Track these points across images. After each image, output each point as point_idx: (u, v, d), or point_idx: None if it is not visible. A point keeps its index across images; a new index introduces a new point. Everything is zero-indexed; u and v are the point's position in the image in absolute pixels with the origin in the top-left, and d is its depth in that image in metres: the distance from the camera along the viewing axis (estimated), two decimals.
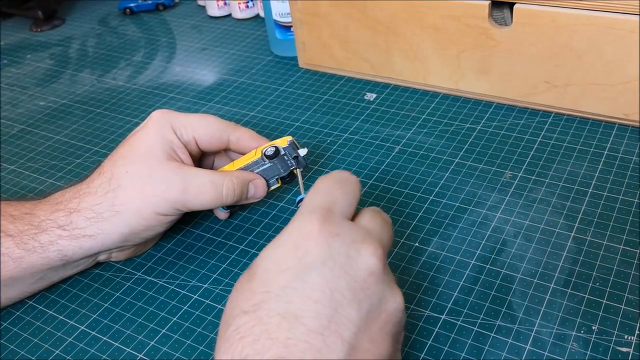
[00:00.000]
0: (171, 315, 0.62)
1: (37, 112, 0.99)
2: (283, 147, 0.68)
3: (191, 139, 0.67)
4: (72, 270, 0.65)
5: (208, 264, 0.67)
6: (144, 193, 0.61)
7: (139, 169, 0.62)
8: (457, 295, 0.61)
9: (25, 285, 0.63)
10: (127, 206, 0.61)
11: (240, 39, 1.15)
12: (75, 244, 0.61)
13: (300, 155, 0.68)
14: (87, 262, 0.65)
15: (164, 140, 0.64)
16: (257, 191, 0.68)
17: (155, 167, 0.62)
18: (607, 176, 0.72)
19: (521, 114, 0.84)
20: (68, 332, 0.62)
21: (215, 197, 0.64)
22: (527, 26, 0.77)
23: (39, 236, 0.60)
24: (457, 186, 0.73)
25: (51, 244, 0.60)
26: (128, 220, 0.61)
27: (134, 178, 0.62)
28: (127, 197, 0.61)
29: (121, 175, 0.62)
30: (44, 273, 0.62)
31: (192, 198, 0.62)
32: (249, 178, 0.67)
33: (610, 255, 0.63)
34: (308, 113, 0.90)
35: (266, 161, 0.68)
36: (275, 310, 0.43)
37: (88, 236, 0.61)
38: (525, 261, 0.63)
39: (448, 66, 0.87)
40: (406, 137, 0.82)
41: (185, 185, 0.62)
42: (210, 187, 0.63)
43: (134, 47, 1.17)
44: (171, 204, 0.62)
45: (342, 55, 0.95)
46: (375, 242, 0.48)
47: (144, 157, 0.63)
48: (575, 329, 0.56)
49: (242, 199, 0.67)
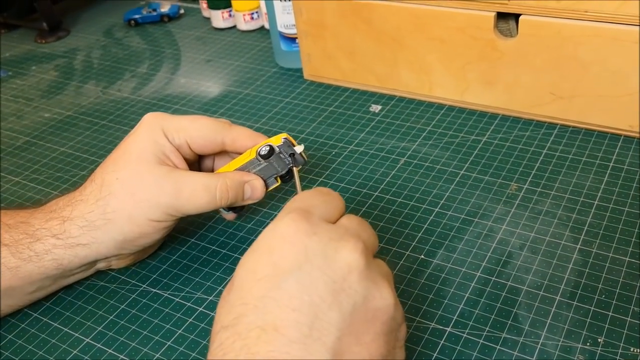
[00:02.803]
0: (176, 328, 0.62)
1: (41, 124, 0.99)
2: (278, 146, 0.66)
3: (183, 143, 0.65)
4: (70, 279, 0.65)
5: (213, 276, 0.67)
6: (135, 199, 0.61)
7: (129, 175, 0.61)
8: (463, 307, 0.60)
9: (24, 294, 0.62)
10: (119, 213, 0.60)
11: (245, 51, 1.15)
12: (70, 253, 0.60)
13: (296, 153, 0.66)
14: (85, 271, 0.65)
15: (156, 145, 0.63)
16: (254, 192, 0.67)
17: (146, 172, 0.62)
18: (613, 188, 0.72)
19: (527, 126, 0.83)
20: (73, 344, 0.61)
21: (209, 201, 0.63)
22: (533, 37, 0.77)
23: (34, 245, 0.60)
24: (462, 198, 0.73)
25: (46, 252, 0.60)
26: (121, 227, 0.61)
27: (125, 184, 0.61)
28: (118, 204, 0.60)
29: (112, 182, 0.61)
30: (41, 282, 0.62)
31: (184, 202, 0.62)
32: (245, 179, 0.66)
33: (616, 268, 0.62)
34: (313, 125, 0.90)
35: (261, 161, 0.66)
36: (254, 323, 0.43)
37: (82, 245, 0.60)
38: (531, 273, 0.63)
39: (453, 78, 0.87)
40: (411, 149, 0.82)
41: (177, 190, 0.61)
42: (202, 191, 0.62)
43: (139, 59, 1.18)
44: (163, 210, 0.61)
45: (347, 67, 0.95)
46: (353, 238, 0.47)
47: (135, 163, 0.62)
48: (581, 342, 0.56)
49: (239, 201, 0.66)
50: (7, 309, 0.63)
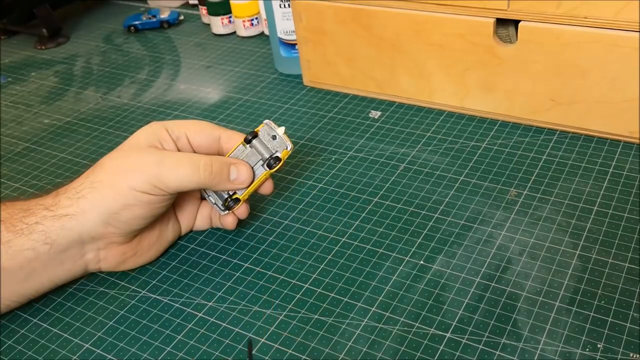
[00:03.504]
0: (176, 333, 0.62)
1: (41, 130, 1.00)
2: (260, 129, 0.69)
3: (182, 134, 0.68)
4: (60, 268, 0.64)
5: (213, 282, 0.67)
6: (120, 169, 0.63)
7: (121, 155, 0.65)
8: (462, 313, 0.60)
9: (14, 282, 0.62)
10: (103, 183, 0.62)
11: (244, 57, 1.15)
12: (58, 225, 0.61)
13: (278, 135, 0.68)
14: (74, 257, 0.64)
15: (152, 134, 0.66)
16: (239, 174, 0.68)
17: (135, 151, 0.65)
18: (612, 194, 0.72)
19: (526, 132, 0.84)
20: (72, 350, 0.61)
21: (192, 172, 0.64)
22: (532, 44, 0.77)
23: (26, 218, 0.61)
24: (462, 204, 0.73)
25: (37, 224, 0.61)
26: (104, 195, 0.62)
27: (114, 160, 0.64)
28: (104, 175, 0.63)
29: (104, 161, 0.65)
30: (31, 267, 0.61)
31: (167, 171, 0.62)
32: (231, 162, 0.68)
33: (616, 273, 0.62)
34: (313, 131, 0.90)
35: (246, 147, 0.68)
36: None
37: (69, 216, 0.61)
38: (530, 279, 0.63)
39: (453, 84, 0.87)
40: (411, 154, 0.82)
41: (161, 160, 0.63)
42: (187, 161, 0.64)
43: (138, 65, 1.18)
44: (146, 178, 0.62)
45: (346, 73, 0.95)
46: None
47: (128, 148, 0.66)
48: (581, 347, 0.56)
49: (223, 181, 0.67)
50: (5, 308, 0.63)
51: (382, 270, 0.66)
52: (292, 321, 0.62)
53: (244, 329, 0.61)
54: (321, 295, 0.64)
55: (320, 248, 0.70)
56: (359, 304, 0.62)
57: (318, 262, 0.68)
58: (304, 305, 0.63)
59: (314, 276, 0.66)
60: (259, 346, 0.59)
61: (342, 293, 0.64)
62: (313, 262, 0.68)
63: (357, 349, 0.58)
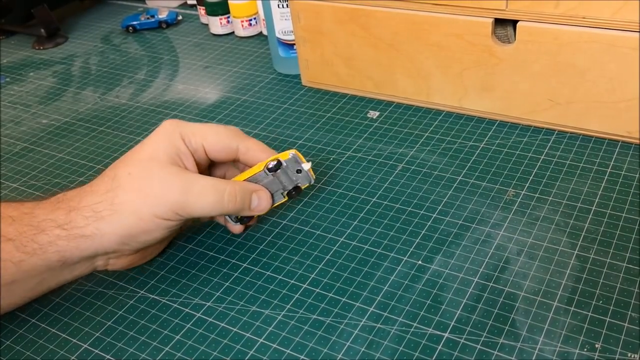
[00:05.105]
0: (174, 334, 0.62)
1: (39, 130, 0.99)
2: (285, 161, 0.67)
3: (200, 147, 0.66)
4: (69, 275, 0.63)
5: (211, 282, 0.67)
6: (143, 193, 0.61)
7: (140, 171, 0.62)
8: (460, 313, 0.60)
9: (25, 290, 0.61)
10: (125, 206, 0.60)
11: (243, 57, 1.15)
12: (73, 245, 0.60)
13: (303, 169, 0.68)
14: (85, 267, 0.64)
15: (171, 146, 0.64)
16: (260, 203, 0.67)
17: (157, 169, 0.62)
18: (611, 194, 0.72)
19: (524, 132, 0.84)
20: (71, 350, 0.61)
21: (216, 202, 0.63)
22: (530, 44, 0.77)
23: (38, 237, 0.59)
24: (460, 204, 0.73)
25: (50, 244, 0.59)
26: (126, 220, 0.60)
27: (135, 179, 0.61)
28: (126, 197, 0.61)
29: (123, 176, 0.62)
30: (42, 276, 0.61)
31: (192, 201, 0.62)
32: (253, 189, 0.67)
33: (614, 273, 0.62)
34: (311, 131, 0.90)
35: (268, 174, 0.67)
36: None
37: (86, 236, 0.60)
38: (528, 279, 0.63)
39: (451, 84, 0.87)
40: (409, 154, 0.82)
41: (186, 188, 0.61)
42: (211, 191, 0.63)
43: (136, 65, 1.18)
44: (170, 207, 0.61)
45: (345, 73, 0.96)
46: None
47: (147, 160, 0.63)
48: (579, 347, 0.56)
49: (245, 209, 0.66)
50: (7, 308, 0.62)
51: (381, 270, 0.66)
52: (290, 321, 0.62)
53: (242, 329, 0.61)
54: (319, 295, 0.64)
55: (319, 248, 0.70)
56: (357, 304, 0.62)
57: (316, 262, 0.68)
58: (302, 305, 0.63)
59: (312, 276, 0.66)
60: (257, 346, 0.59)
61: (340, 293, 0.64)
62: (311, 262, 0.68)
63: (355, 349, 0.58)
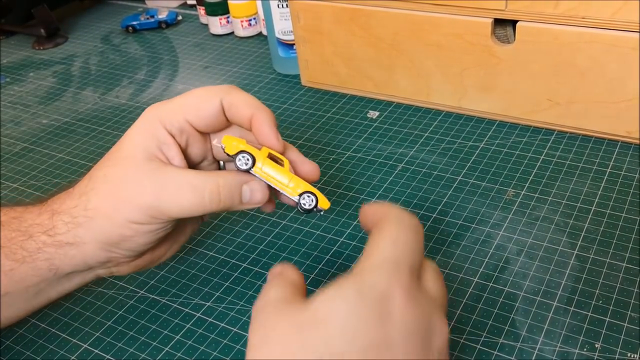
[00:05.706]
0: (174, 334, 0.62)
1: (39, 130, 1.00)
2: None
3: (184, 124, 0.58)
4: (68, 284, 0.60)
5: (211, 282, 0.67)
6: (115, 197, 0.55)
7: (115, 172, 0.56)
8: (460, 313, 0.60)
9: (22, 302, 0.58)
10: (99, 211, 0.55)
11: (242, 57, 1.15)
12: (61, 252, 0.56)
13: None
14: (83, 276, 0.60)
15: (150, 139, 0.56)
16: (253, 195, 0.57)
17: (131, 169, 0.56)
18: (610, 194, 0.72)
19: (524, 132, 0.84)
20: (71, 350, 0.61)
21: (196, 203, 0.55)
22: (530, 44, 0.77)
23: (26, 243, 0.56)
24: (459, 204, 0.73)
25: (38, 251, 0.56)
26: (101, 227, 0.55)
27: (108, 181, 0.56)
28: (98, 202, 0.55)
29: (98, 177, 0.56)
30: (38, 287, 0.57)
31: (167, 203, 0.54)
32: (243, 179, 0.57)
33: (613, 273, 0.62)
34: (311, 131, 0.90)
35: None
36: None
37: (70, 244, 0.56)
38: (528, 279, 0.63)
39: (451, 84, 0.87)
40: (409, 155, 0.82)
41: (159, 189, 0.54)
42: (188, 189, 0.55)
43: (136, 65, 1.18)
44: (144, 211, 0.55)
45: (344, 73, 0.95)
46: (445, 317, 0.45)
47: (124, 159, 0.56)
48: (579, 347, 0.56)
49: (235, 204, 0.57)
50: (7, 321, 0.59)
51: None
52: None
53: (242, 329, 0.61)
54: None
55: (318, 248, 0.70)
56: None
57: (316, 262, 0.68)
58: None
59: (312, 276, 0.66)
60: None
61: None
62: (311, 262, 0.68)
63: None
